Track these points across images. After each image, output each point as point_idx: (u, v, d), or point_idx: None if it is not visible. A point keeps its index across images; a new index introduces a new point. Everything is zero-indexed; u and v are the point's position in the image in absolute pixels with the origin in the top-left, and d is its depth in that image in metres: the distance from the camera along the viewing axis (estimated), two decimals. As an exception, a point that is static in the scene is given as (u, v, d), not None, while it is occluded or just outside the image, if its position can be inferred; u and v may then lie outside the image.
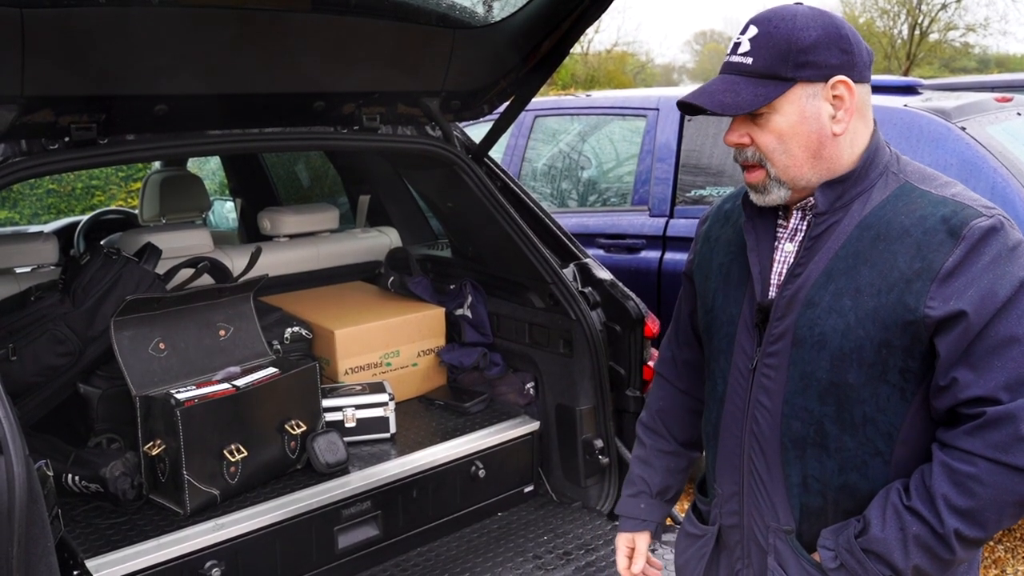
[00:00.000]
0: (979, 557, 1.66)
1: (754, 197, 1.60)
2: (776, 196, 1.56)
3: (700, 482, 1.89)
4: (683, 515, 1.95)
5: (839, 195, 1.53)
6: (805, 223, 1.58)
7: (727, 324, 1.68)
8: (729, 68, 1.53)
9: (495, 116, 3.10)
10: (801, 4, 1.52)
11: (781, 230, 1.62)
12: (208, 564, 2.35)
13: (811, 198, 1.56)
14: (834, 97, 1.48)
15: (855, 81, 1.48)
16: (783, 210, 1.63)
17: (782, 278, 1.59)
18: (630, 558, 1.93)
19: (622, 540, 1.94)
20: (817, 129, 1.50)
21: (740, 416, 1.66)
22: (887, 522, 1.47)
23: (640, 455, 1.97)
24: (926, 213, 1.47)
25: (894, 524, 1.46)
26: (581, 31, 2.67)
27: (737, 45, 1.52)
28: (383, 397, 2.99)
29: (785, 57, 1.46)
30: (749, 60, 1.49)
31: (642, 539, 1.93)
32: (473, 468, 2.92)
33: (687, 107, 1.55)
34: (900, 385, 1.48)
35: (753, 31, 1.50)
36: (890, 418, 1.50)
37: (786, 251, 1.60)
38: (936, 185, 1.52)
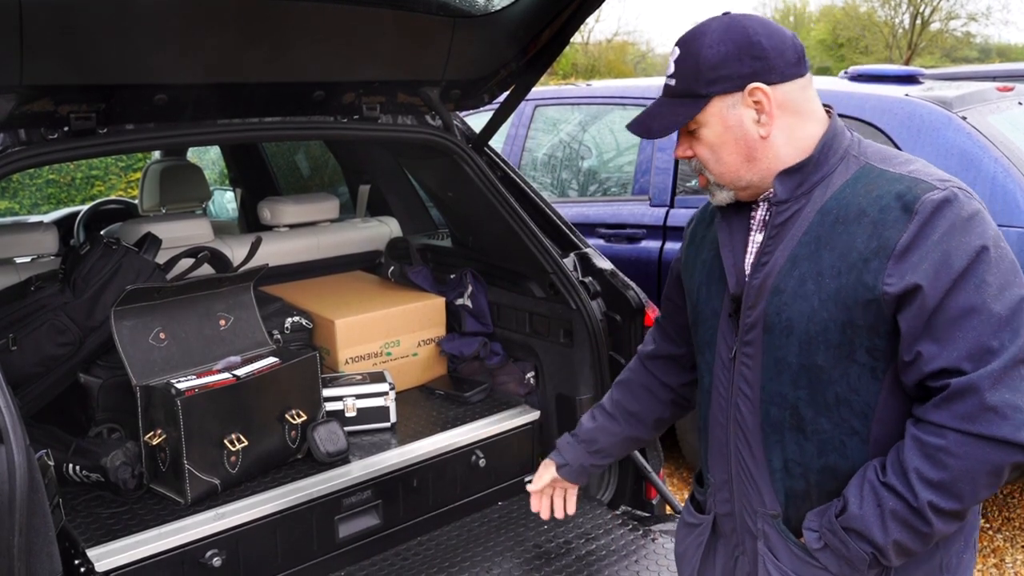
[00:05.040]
0: (975, 541, 1.67)
1: (709, 198, 1.70)
2: (723, 197, 1.65)
3: (698, 473, 1.94)
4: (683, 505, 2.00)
5: (799, 183, 1.57)
6: (769, 213, 1.63)
7: (711, 317, 1.74)
8: (663, 90, 1.65)
9: (495, 105, 3.09)
10: (728, 13, 1.60)
11: (753, 223, 1.67)
12: (209, 553, 2.36)
13: (772, 189, 1.60)
14: (754, 103, 1.55)
15: (773, 83, 1.54)
16: (755, 203, 1.67)
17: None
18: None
19: (543, 464, 2.19)
20: (743, 136, 1.57)
21: (725, 405, 1.72)
22: (864, 499, 1.49)
23: (593, 408, 2.17)
24: (882, 192, 1.49)
25: (871, 501, 1.48)
26: (581, 20, 2.67)
27: (668, 67, 1.63)
28: (383, 387, 2.99)
29: (697, 76, 1.55)
30: (673, 82, 1.61)
31: (549, 468, 2.16)
32: (473, 457, 2.93)
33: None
34: (869, 364, 1.50)
35: (676, 53, 1.60)
36: (863, 397, 1.52)
37: (756, 242, 1.66)
38: (895, 164, 1.55)
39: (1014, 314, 1.40)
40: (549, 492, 2.20)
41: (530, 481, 2.23)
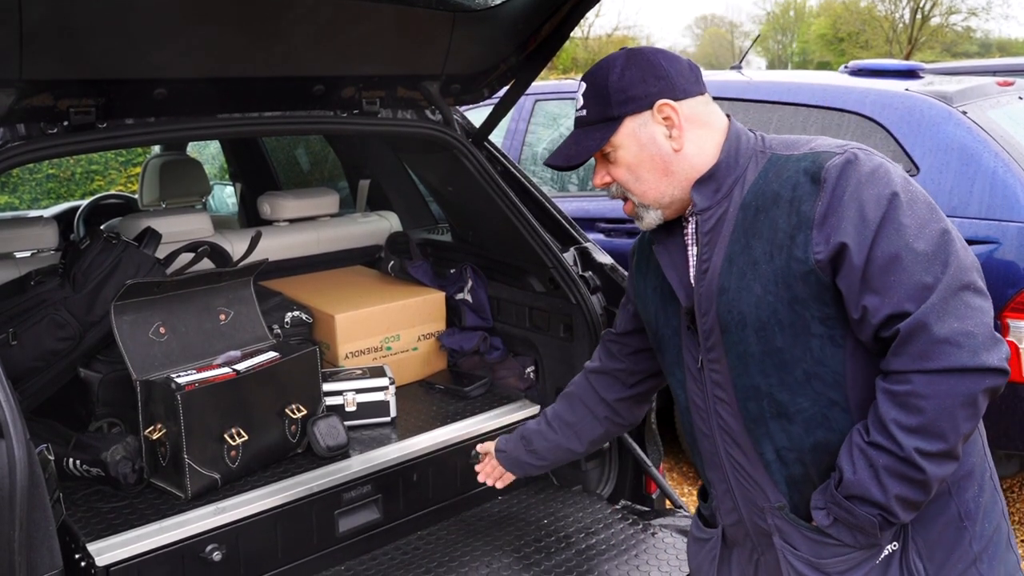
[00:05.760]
0: (994, 484, 1.68)
1: (638, 224, 1.76)
2: (651, 219, 1.73)
3: (700, 487, 1.97)
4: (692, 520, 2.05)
5: (715, 189, 1.65)
6: (696, 223, 1.69)
7: (672, 337, 1.80)
8: (575, 123, 1.73)
9: (495, 100, 3.09)
10: (624, 49, 1.71)
11: (687, 238, 1.74)
12: (209, 547, 2.36)
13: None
14: (664, 119, 1.65)
15: (678, 99, 1.65)
16: (685, 220, 1.74)
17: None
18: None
19: (492, 443, 2.40)
20: (657, 152, 1.66)
21: (706, 415, 1.75)
22: (856, 463, 1.52)
23: (544, 411, 2.30)
24: (791, 173, 1.56)
25: (863, 462, 1.51)
26: (581, 15, 2.66)
27: (577, 102, 1.72)
28: (383, 381, 2.99)
29: (607, 100, 1.66)
30: (584, 112, 1.70)
31: (491, 445, 2.40)
32: (474, 452, 2.93)
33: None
34: (827, 333, 1.54)
35: (583, 87, 1.70)
36: (831, 367, 1.56)
37: (694, 254, 1.72)
38: (798, 146, 1.62)
39: (939, 247, 1.45)
40: (492, 463, 2.39)
41: (477, 454, 2.47)
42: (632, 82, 1.64)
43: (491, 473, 2.39)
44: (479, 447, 2.46)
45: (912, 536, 1.58)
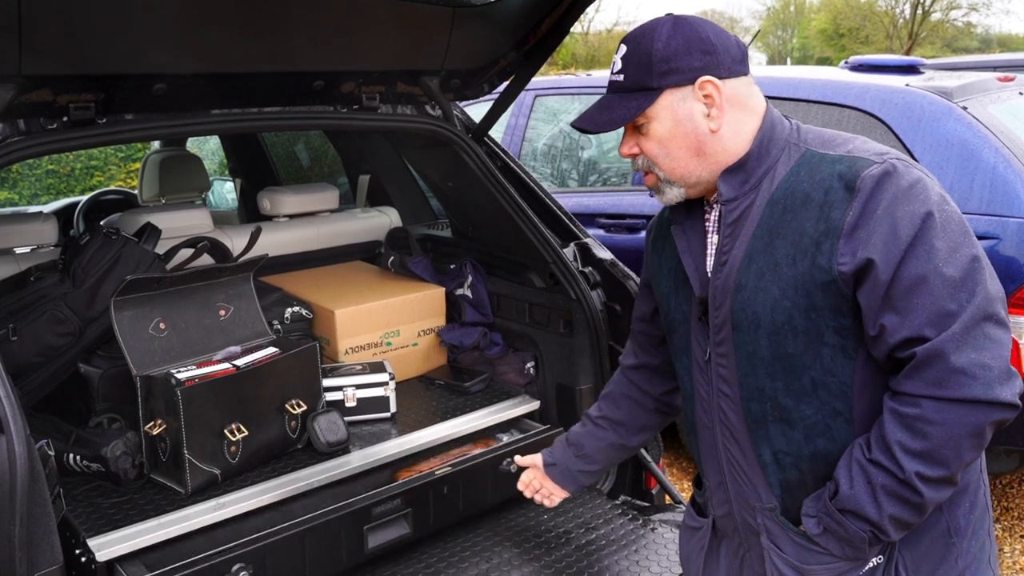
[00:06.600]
0: (986, 500, 1.66)
1: (656, 198, 1.69)
2: (673, 195, 1.66)
3: (696, 476, 1.95)
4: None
5: (743, 179, 1.59)
6: (720, 212, 1.64)
7: (682, 323, 1.76)
8: (609, 87, 1.65)
9: (495, 96, 3.08)
10: (670, 15, 1.62)
11: (709, 224, 1.69)
12: (236, 567, 2.32)
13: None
14: (704, 97, 1.57)
15: (723, 77, 1.57)
16: (708, 206, 1.69)
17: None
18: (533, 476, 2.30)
19: (537, 456, 2.30)
20: (693, 129, 1.58)
21: (708, 408, 1.73)
22: (854, 479, 1.50)
23: (586, 414, 2.22)
24: (824, 175, 1.51)
25: (861, 479, 1.49)
26: (581, 10, 2.66)
27: (614, 64, 1.64)
28: (383, 377, 2.99)
29: (649, 69, 1.57)
30: (621, 77, 1.61)
31: (536, 458, 2.29)
32: (507, 461, 2.91)
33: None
34: (840, 344, 1.52)
35: (623, 50, 1.62)
36: (840, 377, 1.53)
37: (714, 243, 1.67)
38: (834, 145, 1.56)
39: (967, 274, 1.42)
40: (539, 477, 2.28)
41: (511, 463, 2.36)
42: (676, 53, 1.55)
43: (540, 491, 2.28)
44: (518, 460, 2.35)
45: (899, 549, 1.57)
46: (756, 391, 1.60)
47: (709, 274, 1.66)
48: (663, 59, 1.55)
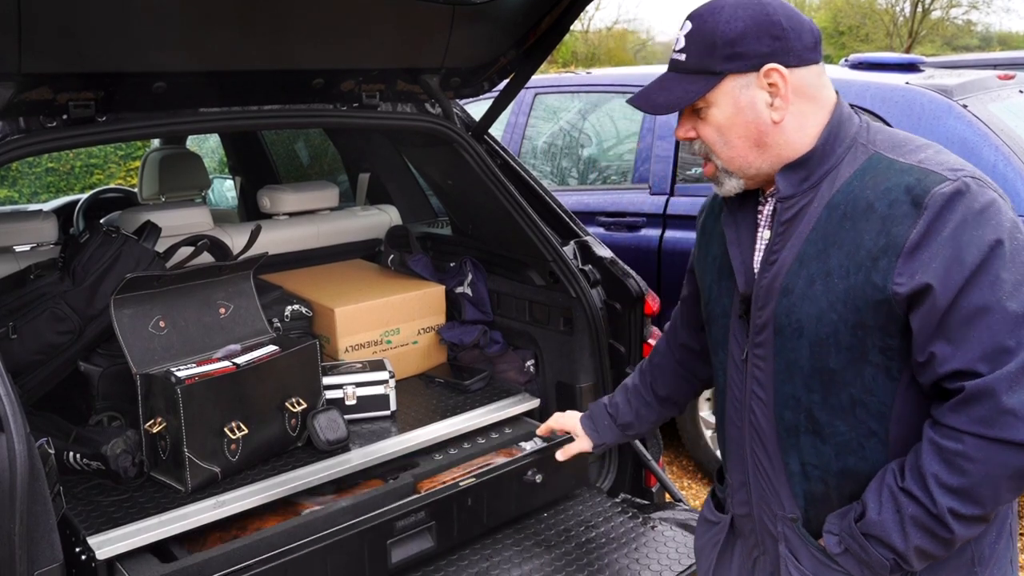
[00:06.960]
0: (1011, 529, 1.62)
1: (715, 188, 1.62)
2: (731, 186, 1.58)
3: (718, 469, 1.90)
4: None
5: (803, 177, 1.51)
6: (775, 208, 1.56)
7: (721, 316, 1.69)
8: (669, 65, 1.55)
9: (495, 93, 3.08)
10: None
11: (761, 218, 1.61)
12: None
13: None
14: (769, 85, 1.47)
15: (791, 66, 1.47)
16: (762, 198, 1.61)
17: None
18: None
19: (575, 426, 2.24)
20: (754, 119, 1.49)
21: (740, 407, 1.67)
22: (883, 505, 1.45)
23: (628, 385, 2.15)
24: (891, 184, 1.42)
25: (890, 506, 1.44)
26: (581, 8, 2.66)
27: (676, 41, 1.54)
28: (383, 375, 2.99)
29: (712, 51, 1.47)
30: (683, 57, 1.51)
31: (584, 443, 2.22)
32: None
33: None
34: (884, 364, 1.45)
35: (688, 27, 1.51)
36: (880, 398, 1.47)
37: (765, 239, 1.59)
38: (905, 152, 1.47)
39: None
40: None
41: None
42: (744, 36, 1.45)
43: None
44: (564, 451, 2.29)
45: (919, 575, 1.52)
46: (791, 399, 1.54)
47: (755, 270, 1.59)
48: (729, 42, 1.45)
